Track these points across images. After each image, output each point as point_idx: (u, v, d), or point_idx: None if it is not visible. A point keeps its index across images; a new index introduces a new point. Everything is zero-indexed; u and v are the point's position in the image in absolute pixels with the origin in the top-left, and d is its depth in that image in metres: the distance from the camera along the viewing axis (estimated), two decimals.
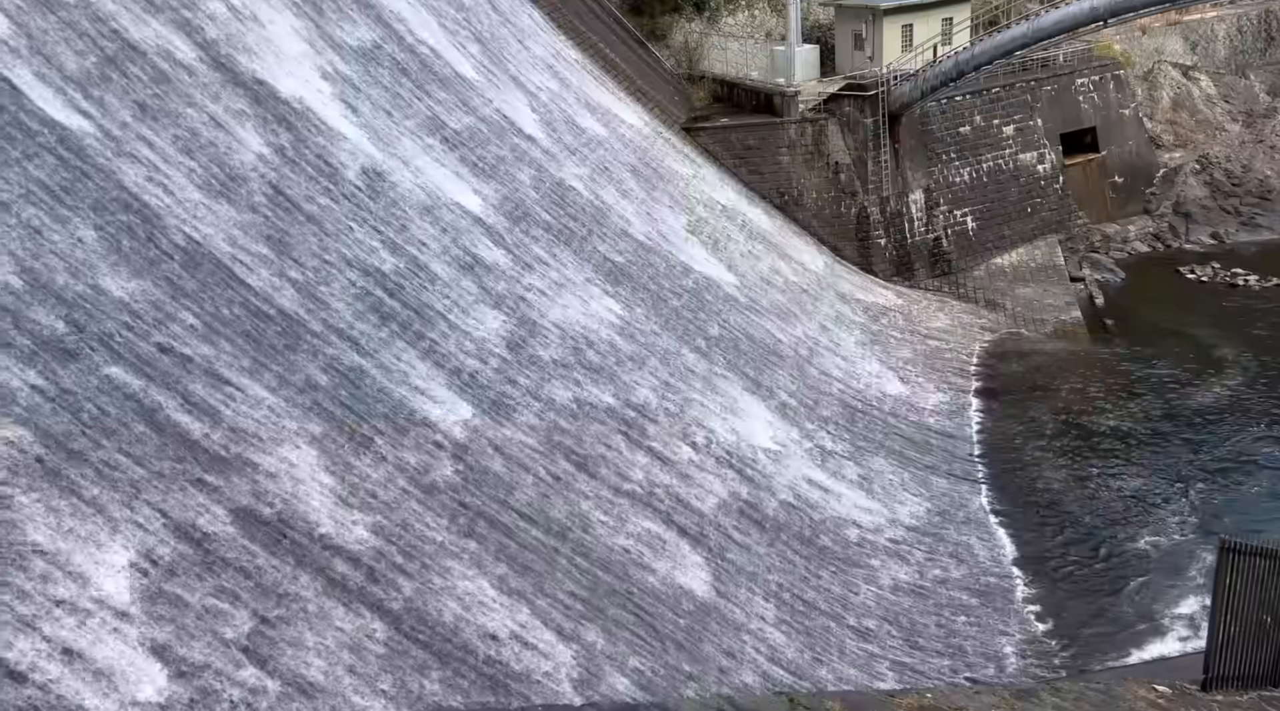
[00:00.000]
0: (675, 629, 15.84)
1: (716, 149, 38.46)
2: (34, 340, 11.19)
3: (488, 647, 12.71)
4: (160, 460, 11.30)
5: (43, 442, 10.30)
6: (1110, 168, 44.34)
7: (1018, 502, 25.11)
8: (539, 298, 21.49)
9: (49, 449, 10.30)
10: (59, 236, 12.62)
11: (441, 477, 14.84)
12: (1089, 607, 21.28)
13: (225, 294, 14.38)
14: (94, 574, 9.60)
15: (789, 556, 19.94)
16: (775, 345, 28.30)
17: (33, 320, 11.37)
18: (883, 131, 38.33)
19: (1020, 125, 42.15)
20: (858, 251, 38.58)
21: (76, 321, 11.86)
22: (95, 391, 11.31)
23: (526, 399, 18.24)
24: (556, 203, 25.84)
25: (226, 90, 18.24)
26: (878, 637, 19.01)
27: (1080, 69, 43.80)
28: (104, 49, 16.24)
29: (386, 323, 16.93)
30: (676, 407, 21.89)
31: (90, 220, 13.31)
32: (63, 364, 11.23)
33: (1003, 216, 41.39)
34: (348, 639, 11.20)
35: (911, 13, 41.40)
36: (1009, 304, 37.27)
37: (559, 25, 37.38)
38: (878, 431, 26.88)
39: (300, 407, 13.69)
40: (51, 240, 12.50)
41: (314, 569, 11.71)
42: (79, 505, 10.05)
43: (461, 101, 26.13)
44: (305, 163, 18.59)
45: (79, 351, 11.58)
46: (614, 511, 17.35)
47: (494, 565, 14.06)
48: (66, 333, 11.60)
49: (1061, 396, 30.39)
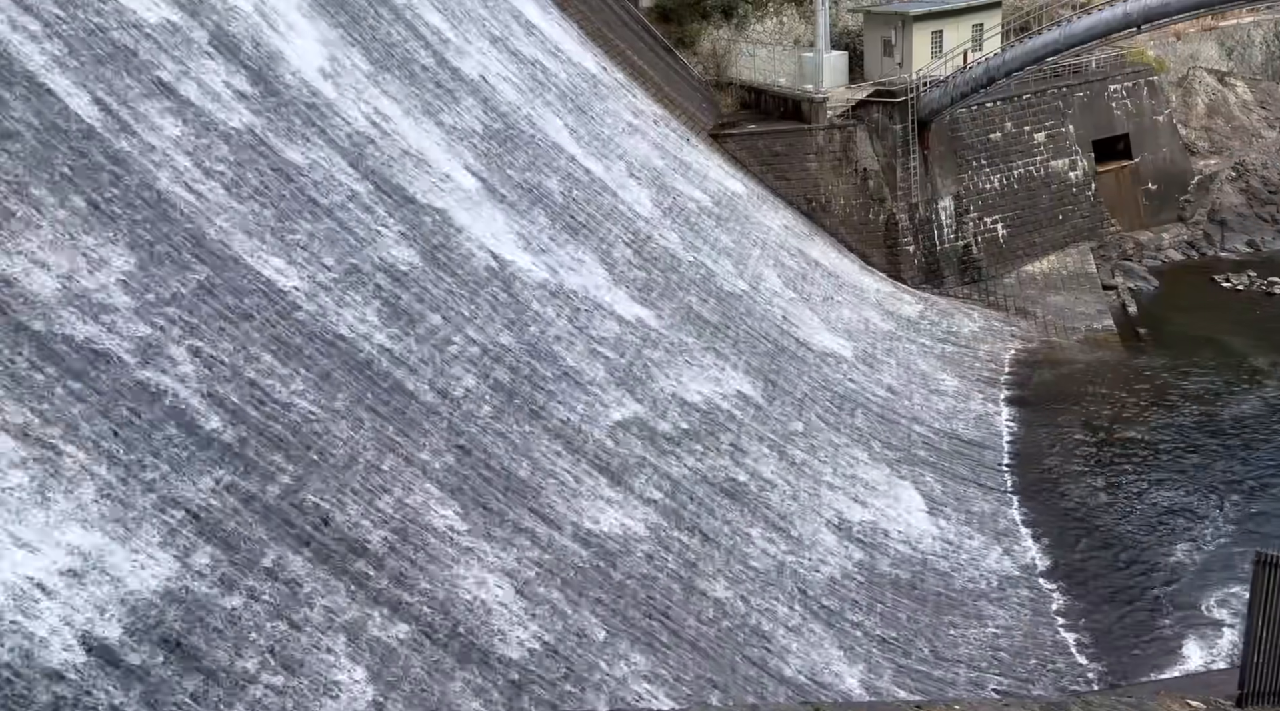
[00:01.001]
0: (698, 636, 15.76)
1: (743, 156, 38.39)
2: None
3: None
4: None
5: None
6: (1144, 175, 43.83)
7: (1049, 513, 24.80)
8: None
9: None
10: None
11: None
12: (1122, 620, 20.96)
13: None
14: None
15: (815, 566, 19.79)
16: (795, 346, 28.18)
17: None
18: (912, 138, 38.10)
19: (1051, 132, 41.77)
20: (886, 258, 38.34)
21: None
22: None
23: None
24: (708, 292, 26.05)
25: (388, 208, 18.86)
26: (904, 647, 18.82)
27: (1113, 75, 43.36)
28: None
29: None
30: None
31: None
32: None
33: (1034, 224, 41.02)
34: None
35: (941, 19, 41.18)
36: (1040, 312, 36.91)
37: (589, 33, 37.50)
38: (905, 439, 26.66)
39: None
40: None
41: None
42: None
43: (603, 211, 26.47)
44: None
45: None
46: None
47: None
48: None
49: (1093, 406, 30.02)
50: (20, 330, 10.91)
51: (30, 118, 13.30)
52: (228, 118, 17.04)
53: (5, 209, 11.93)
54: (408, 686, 11.04)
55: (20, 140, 12.85)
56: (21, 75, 13.73)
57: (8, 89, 13.34)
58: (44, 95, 13.79)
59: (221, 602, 10.22)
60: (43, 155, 12.97)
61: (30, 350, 10.80)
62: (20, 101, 13.36)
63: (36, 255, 11.79)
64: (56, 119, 13.68)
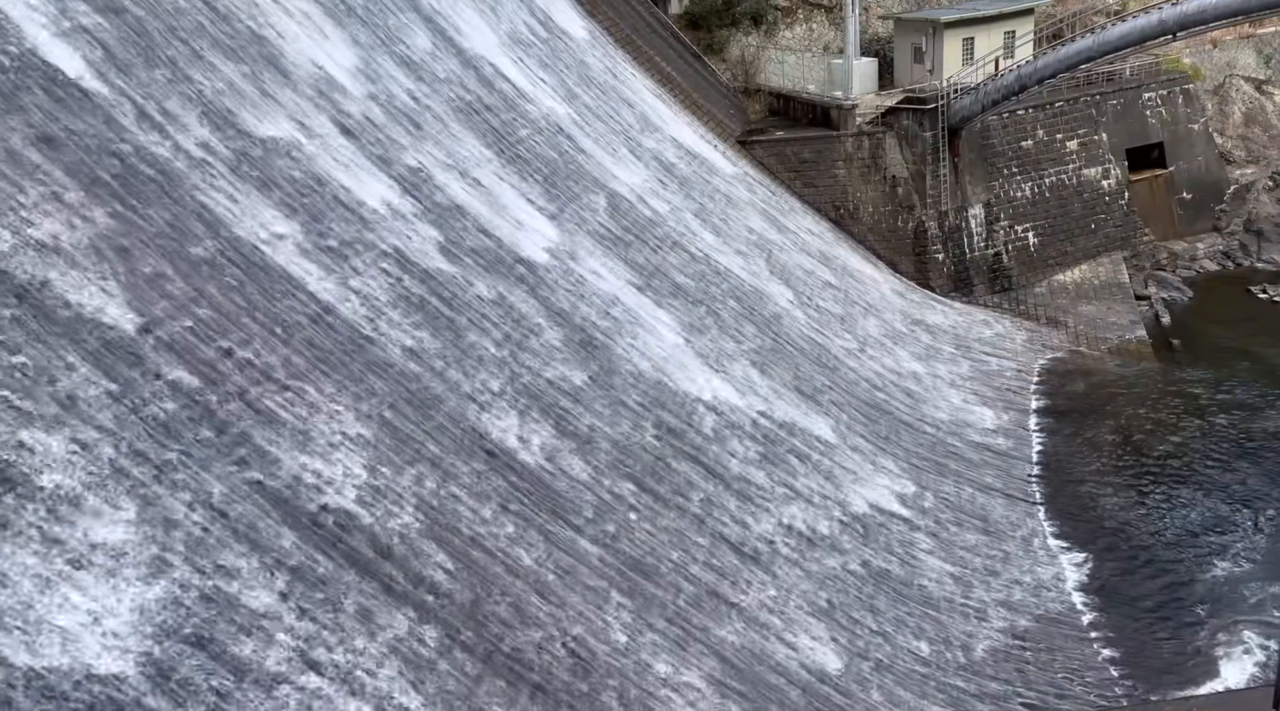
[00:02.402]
0: (724, 639, 15.60)
1: (771, 162, 38.24)
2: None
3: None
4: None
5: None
6: (1178, 184, 43.24)
7: (1079, 526, 24.43)
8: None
9: None
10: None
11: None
12: (1154, 635, 20.60)
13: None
14: None
15: (841, 574, 19.58)
16: (827, 357, 27.96)
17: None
18: (942, 145, 37.80)
19: (1084, 140, 41.31)
20: (915, 266, 38.04)
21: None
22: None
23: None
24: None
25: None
26: (932, 659, 18.57)
27: (1147, 83, 42.83)
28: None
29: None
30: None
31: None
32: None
33: (1065, 232, 40.55)
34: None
35: (973, 26, 40.85)
36: (1071, 322, 36.46)
37: (616, 40, 37.50)
38: (933, 450, 26.37)
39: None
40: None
41: None
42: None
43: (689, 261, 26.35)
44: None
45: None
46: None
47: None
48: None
49: (1125, 417, 29.58)
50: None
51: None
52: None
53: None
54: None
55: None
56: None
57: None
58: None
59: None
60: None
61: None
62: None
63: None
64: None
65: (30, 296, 10.90)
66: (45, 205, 11.93)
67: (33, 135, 12.50)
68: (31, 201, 11.81)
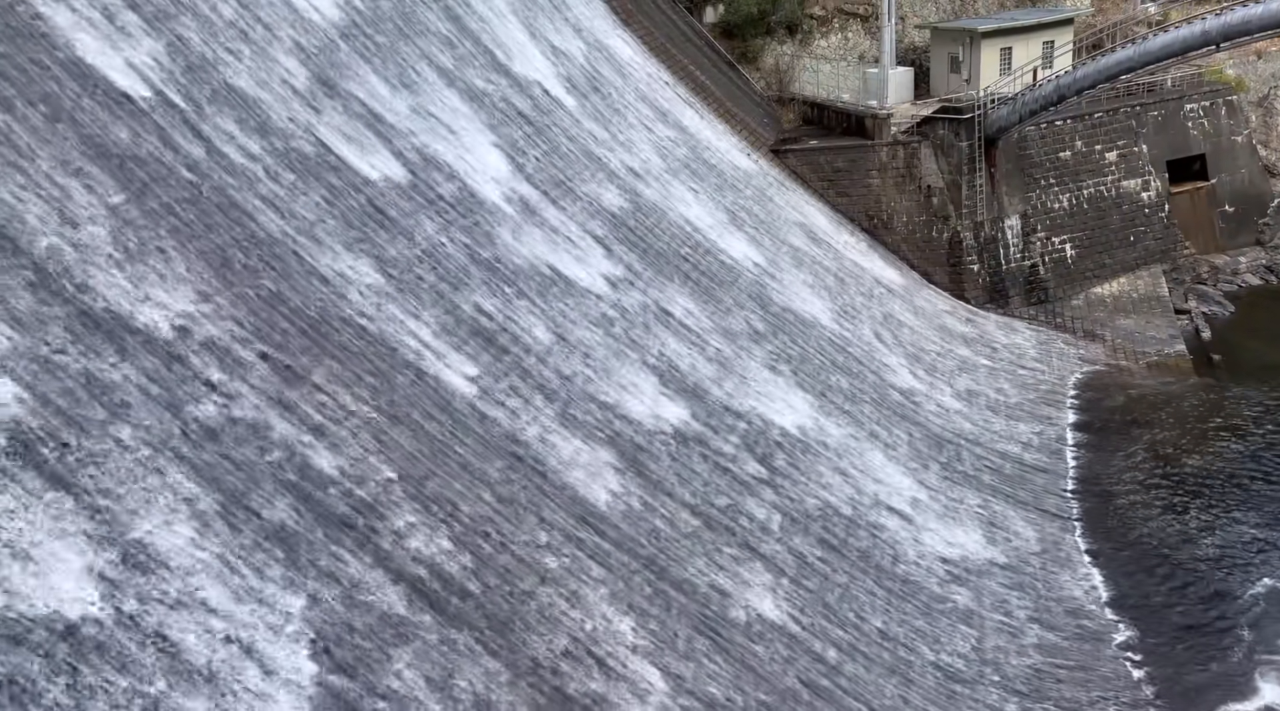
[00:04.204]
0: (757, 660, 15.46)
1: (804, 171, 38.05)
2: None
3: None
4: None
5: None
6: (1220, 196, 42.53)
7: (1114, 542, 23.99)
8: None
9: None
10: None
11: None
12: (1189, 654, 20.15)
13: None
14: None
15: (872, 588, 19.35)
16: (856, 368, 27.72)
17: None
18: (978, 155, 37.44)
19: (1124, 151, 40.75)
20: (949, 277, 37.67)
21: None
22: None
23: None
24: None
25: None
26: (964, 676, 18.29)
27: (1189, 94, 42.19)
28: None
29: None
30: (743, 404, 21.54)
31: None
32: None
33: (1103, 244, 40.01)
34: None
35: (1011, 35, 40.48)
36: (1108, 335, 35.91)
37: (651, 49, 37.52)
38: (967, 463, 26.04)
39: None
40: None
41: None
42: None
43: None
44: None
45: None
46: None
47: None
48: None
49: (1163, 432, 29.04)
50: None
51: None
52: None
53: None
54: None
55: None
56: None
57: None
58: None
59: None
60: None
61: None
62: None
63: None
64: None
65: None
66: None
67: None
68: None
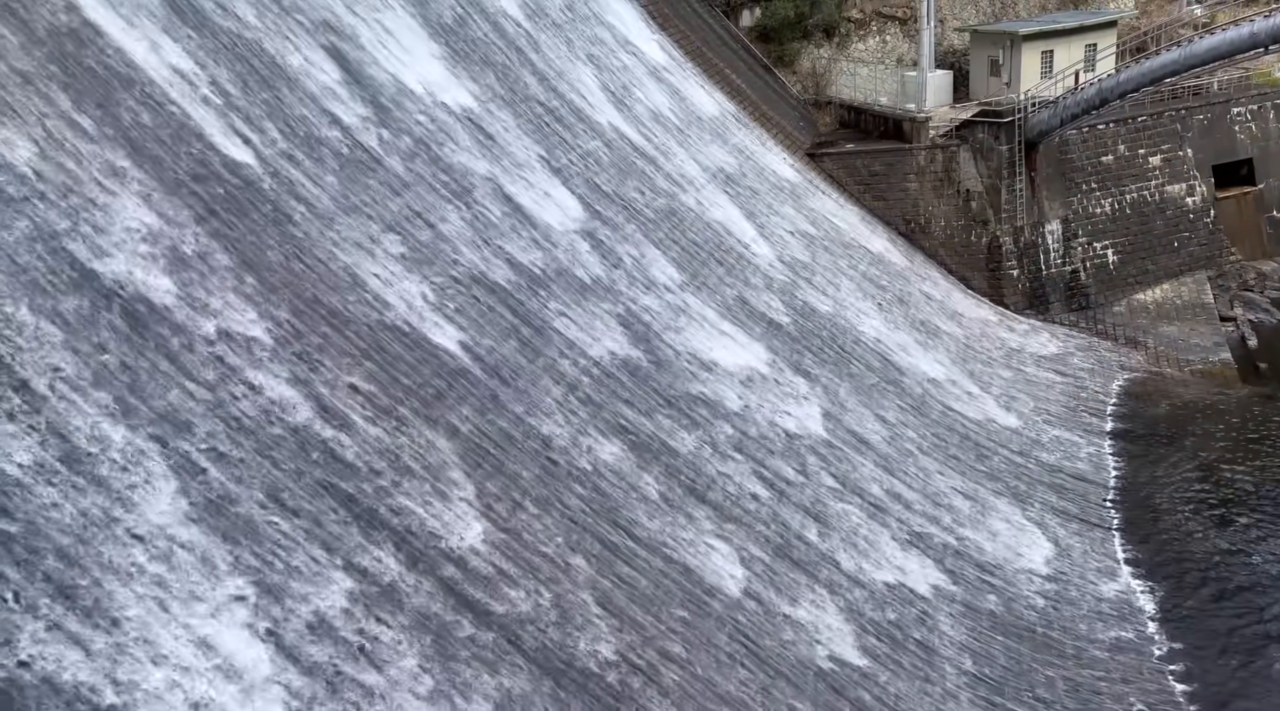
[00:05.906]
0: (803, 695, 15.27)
1: (841, 175, 37.77)
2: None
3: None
4: None
5: None
6: (1269, 201, 41.64)
7: (1156, 554, 23.47)
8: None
9: None
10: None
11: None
12: (1234, 670, 19.64)
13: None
14: None
15: (908, 596, 19.06)
16: (897, 377, 27.40)
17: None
18: (1018, 159, 36.94)
19: (1168, 155, 40.03)
20: (988, 282, 37.19)
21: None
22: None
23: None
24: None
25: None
26: (1000, 686, 17.95)
27: (1236, 97, 41.36)
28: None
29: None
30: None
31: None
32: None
33: (1146, 250, 39.30)
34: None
35: (1052, 38, 39.92)
36: (1151, 342, 35.25)
37: (688, 53, 37.43)
38: (1006, 471, 25.62)
39: None
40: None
41: None
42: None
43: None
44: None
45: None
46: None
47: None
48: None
49: (1207, 442, 28.40)
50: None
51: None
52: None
53: None
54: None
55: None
56: None
57: None
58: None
59: None
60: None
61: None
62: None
63: None
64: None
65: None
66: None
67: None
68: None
